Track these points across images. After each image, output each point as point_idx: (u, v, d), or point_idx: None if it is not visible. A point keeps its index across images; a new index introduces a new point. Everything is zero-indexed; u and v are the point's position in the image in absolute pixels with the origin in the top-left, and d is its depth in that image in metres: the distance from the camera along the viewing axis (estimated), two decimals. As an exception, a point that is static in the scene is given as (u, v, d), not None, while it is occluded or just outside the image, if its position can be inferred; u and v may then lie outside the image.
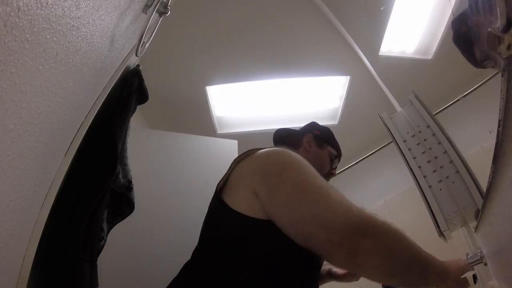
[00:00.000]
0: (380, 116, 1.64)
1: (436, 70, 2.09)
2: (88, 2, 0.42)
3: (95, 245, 0.70)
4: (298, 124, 2.59)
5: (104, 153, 0.71)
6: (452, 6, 1.62)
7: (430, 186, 1.30)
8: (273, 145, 1.04)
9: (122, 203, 0.81)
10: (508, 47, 0.32)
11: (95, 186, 0.67)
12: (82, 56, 0.47)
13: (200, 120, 2.42)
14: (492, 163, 0.51)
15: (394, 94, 2.17)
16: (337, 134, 1.07)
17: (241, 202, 0.64)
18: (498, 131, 0.43)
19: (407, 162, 1.40)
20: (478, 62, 0.55)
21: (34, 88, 0.35)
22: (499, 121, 0.42)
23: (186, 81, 2.27)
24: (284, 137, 1.04)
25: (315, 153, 0.94)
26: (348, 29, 1.99)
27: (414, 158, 1.39)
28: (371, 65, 2.16)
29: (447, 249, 1.46)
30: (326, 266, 0.95)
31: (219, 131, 2.53)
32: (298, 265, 0.63)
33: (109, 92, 0.70)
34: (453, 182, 1.25)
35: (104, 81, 0.68)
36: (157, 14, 0.76)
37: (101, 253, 0.74)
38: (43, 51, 0.35)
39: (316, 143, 0.96)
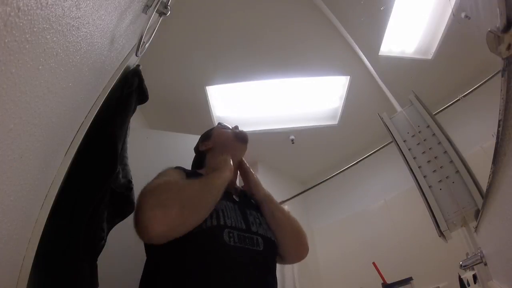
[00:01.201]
0: (380, 116, 1.64)
1: (436, 70, 2.08)
2: (88, 2, 0.42)
3: (95, 245, 0.70)
4: (298, 124, 2.62)
5: (104, 153, 0.71)
6: (452, 6, 1.63)
7: (430, 186, 1.30)
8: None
9: (122, 203, 0.81)
10: (508, 47, 0.32)
11: (95, 186, 0.67)
12: (82, 56, 0.47)
13: (200, 120, 2.42)
14: (492, 163, 0.51)
15: (394, 94, 2.16)
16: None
17: None
18: (498, 131, 0.43)
19: (407, 162, 1.40)
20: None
21: (34, 88, 0.35)
22: (499, 121, 0.42)
23: (186, 81, 2.27)
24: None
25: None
26: (348, 29, 1.99)
27: (414, 158, 1.39)
28: (371, 65, 2.16)
29: (447, 249, 1.46)
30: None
31: (219, 131, 2.53)
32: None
33: (109, 92, 0.70)
34: (453, 182, 1.25)
35: (104, 81, 0.68)
36: (157, 14, 0.76)
37: (101, 253, 0.74)
38: (43, 51, 0.35)
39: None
